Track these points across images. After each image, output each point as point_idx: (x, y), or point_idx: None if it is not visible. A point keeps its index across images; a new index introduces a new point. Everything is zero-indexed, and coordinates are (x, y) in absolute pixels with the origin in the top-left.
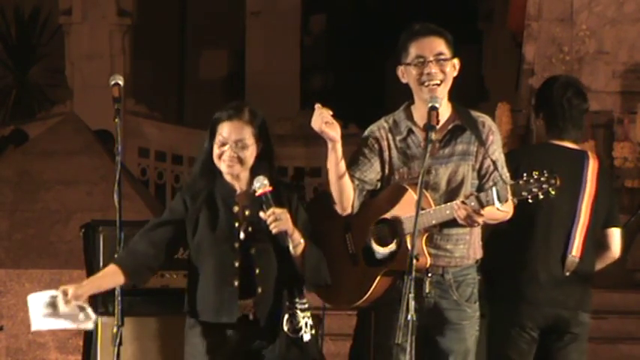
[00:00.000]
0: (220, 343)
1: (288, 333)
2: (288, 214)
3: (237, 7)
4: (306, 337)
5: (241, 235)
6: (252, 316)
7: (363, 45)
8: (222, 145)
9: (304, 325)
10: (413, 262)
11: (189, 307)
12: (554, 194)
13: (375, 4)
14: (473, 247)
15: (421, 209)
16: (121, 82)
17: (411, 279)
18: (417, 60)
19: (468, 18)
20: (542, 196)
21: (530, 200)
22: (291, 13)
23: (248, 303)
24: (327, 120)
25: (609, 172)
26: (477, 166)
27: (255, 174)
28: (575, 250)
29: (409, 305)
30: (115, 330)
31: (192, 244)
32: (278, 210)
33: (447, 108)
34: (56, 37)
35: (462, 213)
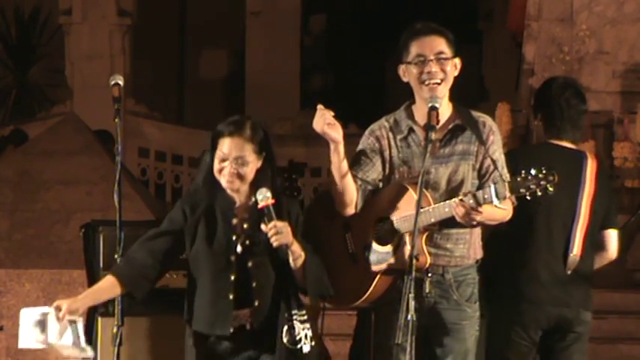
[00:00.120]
0: (217, 352)
1: (287, 344)
2: (289, 227)
3: (237, 7)
4: (306, 349)
5: (238, 249)
6: (249, 326)
7: (363, 45)
8: (223, 161)
9: (304, 337)
10: (413, 262)
11: (187, 316)
12: (552, 191)
13: (375, 4)
14: (473, 246)
15: (420, 208)
16: (121, 82)
17: (411, 279)
18: (417, 59)
19: (468, 18)
20: (540, 193)
21: (529, 197)
22: (291, 13)
23: (245, 313)
24: (329, 121)
25: (607, 172)
26: (477, 166)
27: (257, 186)
28: (576, 249)
29: (409, 305)
30: (115, 330)
31: (190, 255)
32: (280, 223)
33: (447, 107)
34: (56, 37)
35: (459, 211)
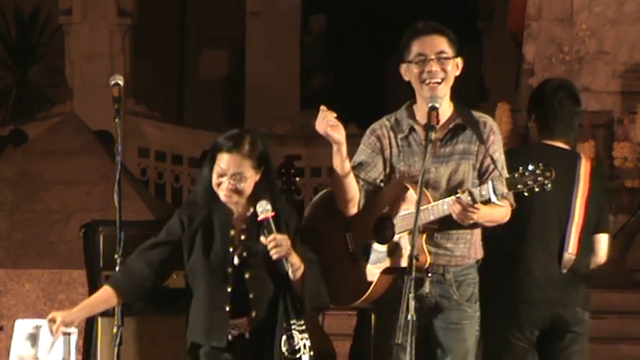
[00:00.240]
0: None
1: (286, 354)
2: (288, 240)
3: (237, 7)
4: (305, 359)
5: (235, 260)
6: (248, 335)
7: (363, 45)
8: (221, 176)
9: (302, 347)
10: (413, 261)
11: (186, 325)
12: (549, 187)
13: (375, 4)
14: (474, 246)
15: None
16: (121, 82)
17: (411, 279)
18: (418, 58)
19: (468, 18)
20: (537, 189)
21: (526, 194)
22: (291, 13)
23: (243, 321)
24: (331, 123)
25: (602, 173)
26: (478, 165)
27: (256, 198)
28: (572, 248)
29: (409, 305)
30: (115, 330)
31: (188, 265)
32: (279, 236)
33: (448, 107)
34: (56, 37)
35: (456, 208)
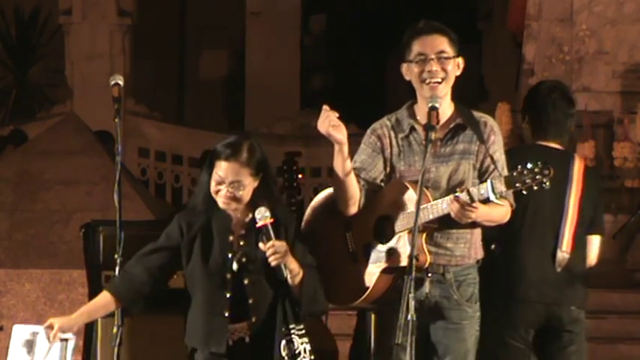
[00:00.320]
0: None
1: (286, 359)
2: (287, 246)
3: (237, 7)
4: None
5: (234, 266)
6: (248, 339)
7: (363, 45)
8: (219, 184)
9: (303, 351)
10: (413, 261)
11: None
12: (548, 186)
13: (375, 4)
14: (474, 246)
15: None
16: (121, 82)
17: (411, 279)
18: (418, 57)
19: (468, 18)
20: (536, 188)
21: (525, 192)
22: (291, 13)
23: (242, 326)
24: (333, 123)
25: (597, 174)
26: (478, 165)
27: (254, 205)
28: (565, 246)
29: (409, 305)
30: (115, 330)
31: (186, 271)
32: (278, 243)
33: (449, 107)
34: (56, 37)
35: (454, 206)
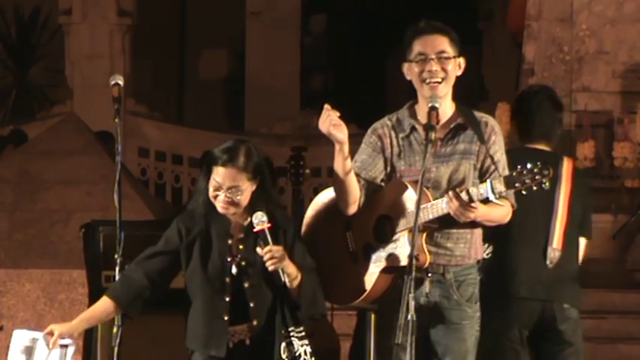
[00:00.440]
0: None
1: None
2: (284, 251)
3: (237, 7)
4: None
5: (233, 270)
6: (248, 341)
7: (363, 45)
8: (217, 190)
9: (303, 353)
10: (413, 261)
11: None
12: (548, 186)
13: (375, 4)
14: (474, 246)
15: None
16: (121, 82)
17: (411, 279)
18: (419, 57)
19: (468, 18)
20: (535, 188)
21: (524, 192)
22: (291, 13)
23: (243, 328)
24: (334, 122)
25: (586, 176)
26: (479, 166)
27: (253, 208)
28: (556, 243)
29: (409, 305)
30: (115, 330)
31: (186, 275)
32: (275, 247)
33: (450, 106)
34: (56, 37)
35: (453, 205)
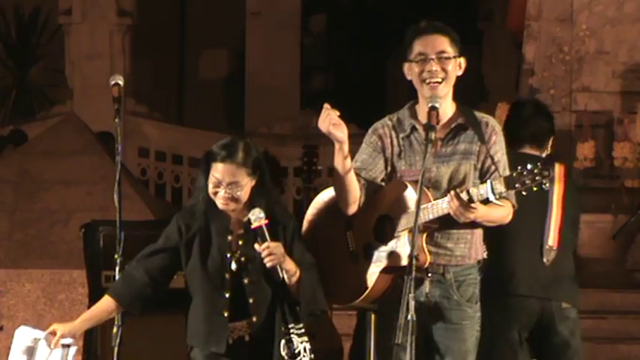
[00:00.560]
0: None
1: (285, 358)
2: (282, 247)
3: (237, 7)
4: None
5: (233, 266)
6: (247, 338)
7: (363, 45)
8: (217, 186)
9: (302, 350)
10: (413, 261)
11: (185, 320)
12: (548, 187)
13: (375, 4)
14: (474, 246)
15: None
16: (121, 82)
17: (411, 279)
18: (419, 57)
19: (468, 18)
20: (535, 189)
21: (524, 193)
22: (291, 13)
23: (242, 324)
24: (334, 121)
25: (576, 187)
26: (479, 166)
27: (252, 203)
28: (552, 241)
29: (409, 305)
30: (115, 330)
31: (186, 271)
32: (273, 244)
33: (450, 107)
34: (56, 37)
35: (453, 204)
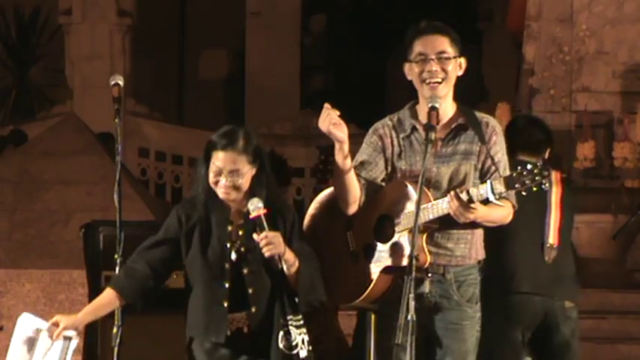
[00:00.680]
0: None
1: (283, 350)
2: (280, 237)
3: (237, 7)
4: (303, 354)
5: (233, 256)
6: (246, 329)
7: (363, 45)
8: (218, 174)
9: (300, 342)
10: (413, 261)
11: (185, 319)
12: (547, 187)
13: (375, 4)
14: (475, 247)
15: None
16: (121, 83)
17: (411, 279)
18: (419, 57)
19: (468, 18)
20: (535, 189)
21: (524, 193)
22: (291, 13)
23: (242, 315)
24: (334, 121)
25: (573, 184)
26: (479, 166)
27: (252, 193)
28: (552, 239)
29: (409, 305)
30: (115, 330)
31: (186, 262)
32: (271, 234)
33: (451, 107)
34: (56, 37)
35: (453, 205)
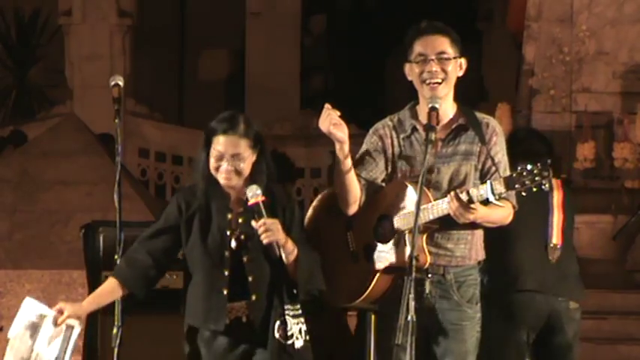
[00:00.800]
0: (213, 346)
1: (279, 339)
2: (279, 224)
3: (237, 7)
4: (298, 344)
5: (232, 244)
6: (245, 319)
7: (363, 45)
8: (219, 159)
9: (297, 332)
10: (413, 262)
11: (183, 309)
12: (547, 188)
13: (375, 4)
14: (475, 247)
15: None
16: (121, 83)
17: (411, 279)
18: (419, 58)
19: (467, 18)
20: (535, 189)
21: (524, 194)
22: (291, 13)
23: (241, 305)
24: (335, 121)
25: (572, 185)
26: (480, 167)
27: (252, 181)
28: (555, 239)
29: (409, 305)
30: (115, 330)
31: (186, 249)
32: (269, 221)
33: (451, 107)
34: (56, 37)
35: (453, 205)
